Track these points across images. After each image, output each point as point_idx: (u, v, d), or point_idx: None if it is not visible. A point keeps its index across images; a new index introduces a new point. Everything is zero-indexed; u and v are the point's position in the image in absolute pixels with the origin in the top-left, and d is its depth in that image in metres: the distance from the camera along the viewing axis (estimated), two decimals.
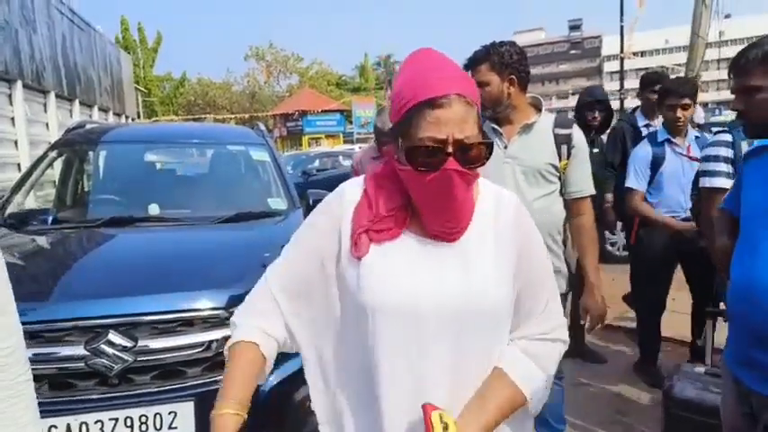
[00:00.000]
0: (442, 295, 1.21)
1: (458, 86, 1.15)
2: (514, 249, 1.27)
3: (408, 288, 1.21)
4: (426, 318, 1.20)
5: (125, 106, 14.23)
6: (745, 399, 1.80)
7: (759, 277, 1.68)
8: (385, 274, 1.22)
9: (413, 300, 1.20)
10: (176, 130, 5.52)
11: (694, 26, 7.11)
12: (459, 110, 1.13)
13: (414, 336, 1.20)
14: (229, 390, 1.24)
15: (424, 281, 1.21)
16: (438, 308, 1.20)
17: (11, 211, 3.53)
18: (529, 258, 1.29)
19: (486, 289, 1.22)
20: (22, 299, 2.41)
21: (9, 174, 6.40)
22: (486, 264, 1.24)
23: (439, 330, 1.20)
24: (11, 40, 6.82)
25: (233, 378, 1.27)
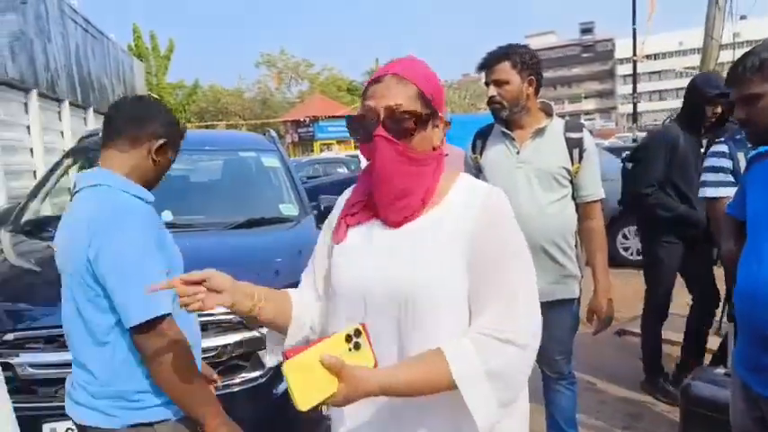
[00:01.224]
0: (383, 281, 1.24)
1: (396, 69, 1.26)
2: (473, 231, 1.24)
3: (356, 273, 1.29)
4: (371, 302, 1.26)
5: None
6: (754, 403, 1.79)
7: (765, 281, 1.67)
8: (344, 259, 1.33)
9: (359, 284, 1.28)
10: (188, 137, 5.56)
11: (708, 28, 7.07)
12: (392, 84, 1.24)
13: (358, 320, 1.20)
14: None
15: (371, 267, 1.27)
16: (380, 293, 1.25)
17: (27, 218, 3.58)
18: (485, 246, 1.23)
19: (427, 279, 1.22)
20: (39, 304, 2.48)
21: (25, 181, 6.50)
22: (436, 253, 1.24)
23: (383, 316, 1.24)
24: (26, 50, 6.93)
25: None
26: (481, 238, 1.23)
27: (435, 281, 1.22)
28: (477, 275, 1.23)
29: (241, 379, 2.43)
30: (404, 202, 1.27)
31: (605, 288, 2.67)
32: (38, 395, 2.27)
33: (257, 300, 1.29)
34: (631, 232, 7.96)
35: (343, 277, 1.32)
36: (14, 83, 6.54)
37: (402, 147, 1.23)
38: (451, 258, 1.23)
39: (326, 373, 1.03)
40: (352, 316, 1.26)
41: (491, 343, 1.17)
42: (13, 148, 6.42)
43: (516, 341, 1.17)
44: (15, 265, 3.01)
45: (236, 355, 2.43)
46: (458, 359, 1.14)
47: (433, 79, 1.28)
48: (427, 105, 1.25)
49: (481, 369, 1.14)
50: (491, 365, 1.15)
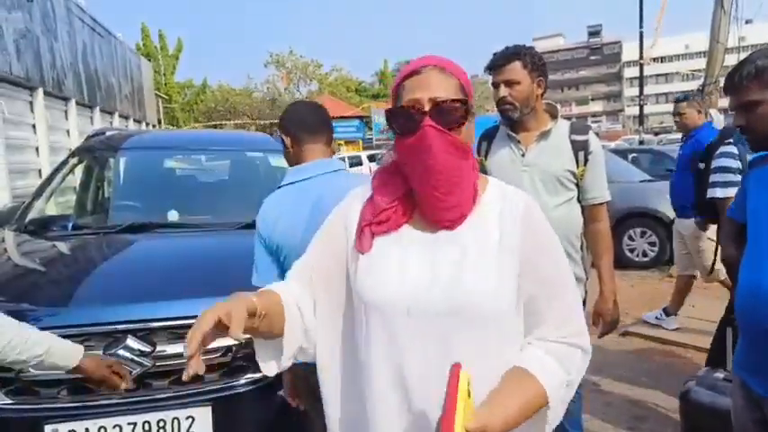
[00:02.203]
0: (430, 292, 1.19)
1: (435, 61, 1.23)
2: (521, 246, 1.22)
3: (396, 284, 1.21)
4: (416, 315, 1.19)
5: (146, 113, 14.41)
6: (755, 405, 1.80)
7: (765, 284, 1.69)
8: (378, 269, 1.24)
9: (402, 296, 1.20)
10: (195, 137, 5.57)
11: (713, 32, 7.07)
12: (435, 75, 1.21)
13: (401, 332, 1.19)
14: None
15: (414, 277, 1.21)
16: (427, 305, 1.18)
17: (32, 216, 3.58)
18: (539, 257, 1.24)
19: (479, 289, 1.18)
20: (41, 304, 2.47)
21: (30, 180, 6.51)
22: (485, 261, 1.20)
23: (426, 328, 1.18)
24: (32, 48, 6.94)
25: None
26: (532, 247, 1.23)
27: (484, 291, 1.18)
28: (534, 286, 1.22)
29: (246, 380, 2.42)
30: (455, 198, 1.21)
31: (611, 290, 2.66)
32: (40, 396, 2.26)
33: (256, 319, 1.16)
34: (637, 234, 7.94)
35: (379, 290, 1.22)
36: (20, 81, 6.55)
37: (453, 137, 1.19)
38: (499, 268, 1.20)
39: (468, 404, 1.03)
40: (392, 329, 1.20)
41: (566, 351, 1.23)
42: (18, 146, 6.43)
43: (582, 344, 1.25)
44: (19, 265, 3.00)
45: (240, 356, 2.42)
46: (548, 377, 1.18)
47: (465, 74, 1.26)
48: (465, 99, 1.22)
49: (564, 380, 1.21)
50: (572, 376, 1.22)
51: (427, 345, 1.18)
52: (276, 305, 1.24)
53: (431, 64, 1.22)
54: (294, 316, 1.27)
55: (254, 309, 1.14)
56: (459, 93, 1.21)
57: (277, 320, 1.23)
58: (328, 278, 1.34)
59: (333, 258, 1.34)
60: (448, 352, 1.16)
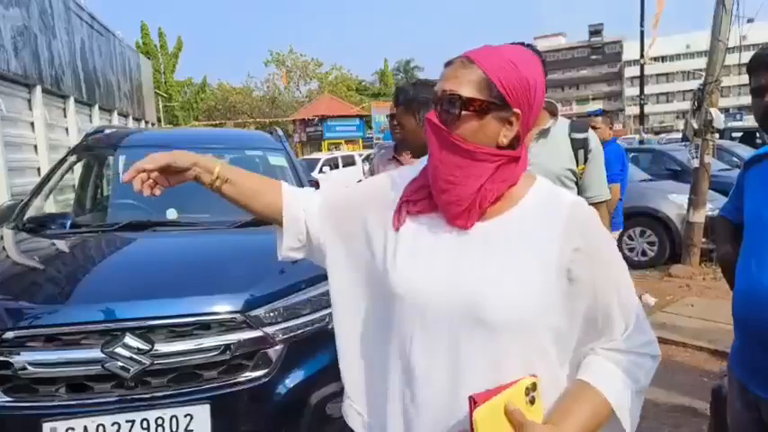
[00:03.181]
0: (446, 291, 1.14)
1: (470, 52, 1.17)
2: (563, 255, 1.13)
3: (418, 274, 1.17)
4: (429, 312, 1.15)
5: (145, 111, 14.39)
6: (753, 405, 1.78)
7: (763, 284, 1.67)
8: (403, 254, 1.19)
9: (420, 288, 1.16)
10: (195, 135, 5.57)
11: (714, 30, 7.05)
12: (457, 66, 1.15)
13: (412, 322, 1.17)
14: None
15: (433, 271, 1.16)
16: (441, 304, 1.14)
17: (30, 214, 3.57)
18: (591, 267, 1.14)
19: (498, 293, 1.11)
20: (39, 302, 2.47)
21: (29, 178, 6.49)
22: (511, 264, 1.13)
23: (441, 329, 1.14)
24: (30, 46, 6.92)
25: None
26: (582, 263, 1.14)
27: (507, 296, 1.11)
28: (591, 298, 1.15)
29: (245, 378, 2.42)
30: (449, 196, 1.15)
31: None
32: (38, 394, 2.25)
33: (216, 177, 1.31)
34: (636, 233, 7.94)
35: (404, 276, 1.18)
36: (18, 78, 6.52)
37: (445, 132, 1.13)
38: (530, 272, 1.12)
39: (508, 425, 1.03)
40: (407, 324, 1.17)
41: (635, 360, 1.18)
42: (16, 144, 6.40)
43: (652, 353, 1.21)
44: (17, 263, 3.00)
45: (239, 354, 2.42)
46: (613, 389, 1.14)
47: (514, 68, 1.13)
48: (493, 94, 1.12)
49: (633, 390, 1.17)
50: (641, 384, 1.19)
51: (436, 351, 1.14)
52: (262, 185, 1.38)
53: (464, 55, 1.16)
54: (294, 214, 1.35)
55: (212, 168, 1.31)
56: (478, 86, 1.12)
57: (254, 196, 1.36)
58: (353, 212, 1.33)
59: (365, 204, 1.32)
60: (458, 363, 1.13)
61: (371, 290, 1.28)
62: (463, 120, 1.13)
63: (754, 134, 15.60)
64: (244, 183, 1.36)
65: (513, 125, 1.15)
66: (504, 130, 1.15)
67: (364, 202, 1.32)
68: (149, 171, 1.27)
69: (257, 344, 2.45)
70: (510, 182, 1.18)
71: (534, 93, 1.15)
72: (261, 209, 1.38)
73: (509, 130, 1.15)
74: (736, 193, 2.01)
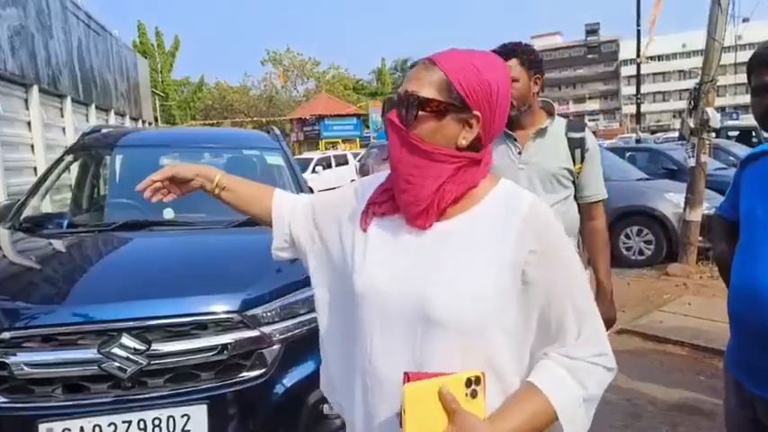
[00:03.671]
0: (400, 291, 1.16)
1: (434, 55, 1.18)
2: (519, 255, 1.12)
3: (376, 274, 1.20)
4: (386, 312, 1.18)
5: (142, 111, 14.37)
6: (748, 403, 1.79)
7: (758, 282, 1.68)
8: (367, 253, 1.23)
9: (378, 287, 1.19)
10: (191, 135, 5.56)
11: (710, 30, 7.05)
12: (420, 68, 1.17)
13: (374, 322, 1.19)
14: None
15: (390, 271, 1.19)
16: (396, 304, 1.16)
17: (27, 214, 3.57)
18: (546, 269, 1.14)
19: (451, 295, 1.12)
20: (36, 302, 2.46)
21: (25, 177, 6.48)
22: (465, 265, 1.13)
23: (397, 330, 1.16)
24: (27, 45, 6.91)
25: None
26: (537, 258, 1.13)
27: (460, 297, 1.12)
28: (543, 300, 1.14)
29: (241, 378, 2.41)
30: (408, 196, 1.17)
31: (608, 289, 2.64)
32: (34, 395, 2.25)
33: (215, 185, 1.45)
34: (633, 232, 7.96)
35: (365, 276, 1.21)
36: (15, 78, 6.51)
37: (404, 131, 1.15)
38: (484, 273, 1.12)
39: (441, 410, 1.02)
40: (368, 322, 1.20)
41: (584, 368, 1.16)
42: (13, 144, 6.40)
43: (605, 364, 1.19)
44: (13, 263, 2.99)
45: (236, 354, 2.42)
46: (559, 393, 1.13)
47: (475, 71, 1.13)
48: (452, 96, 1.13)
49: (580, 397, 1.16)
50: (589, 392, 1.17)
51: (395, 352, 1.16)
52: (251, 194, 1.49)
53: (427, 57, 1.18)
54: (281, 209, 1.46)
55: (212, 176, 1.45)
56: (437, 88, 1.13)
57: (250, 203, 1.48)
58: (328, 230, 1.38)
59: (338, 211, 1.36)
60: (411, 355, 1.14)
61: (343, 289, 1.30)
62: (421, 120, 1.14)
63: (751, 133, 15.66)
64: (241, 189, 1.48)
65: (473, 127, 1.16)
66: (464, 132, 1.16)
67: (339, 205, 1.37)
68: (159, 181, 1.42)
69: (254, 343, 2.45)
70: (470, 184, 1.18)
71: (496, 96, 1.15)
72: (256, 212, 1.49)
73: (469, 132, 1.16)
74: (732, 192, 2.00)
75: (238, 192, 1.47)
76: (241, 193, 1.48)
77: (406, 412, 0.98)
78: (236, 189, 1.47)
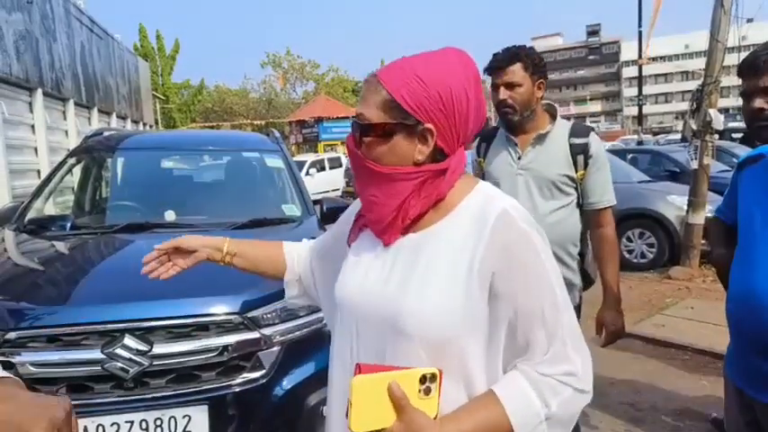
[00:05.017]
0: (371, 302, 1.17)
1: (380, 71, 1.15)
2: (489, 265, 1.09)
3: (353, 285, 1.23)
4: (361, 324, 1.19)
5: (143, 113, 14.41)
6: (747, 408, 1.79)
7: (757, 286, 1.67)
8: (348, 267, 1.27)
9: (354, 299, 1.21)
10: (192, 137, 5.59)
11: (713, 31, 7.04)
12: (367, 88, 1.16)
13: (352, 333, 1.21)
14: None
15: (364, 282, 1.21)
16: (368, 316, 1.18)
17: (31, 216, 3.59)
18: (511, 281, 1.09)
19: (417, 306, 1.10)
20: (41, 303, 2.48)
21: (29, 180, 6.52)
22: (434, 276, 1.11)
23: (370, 342, 1.17)
24: (32, 50, 6.95)
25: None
26: (503, 270, 1.09)
27: (427, 310, 1.09)
28: (512, 314, 1.09)
29: (242, 379, 2.43)
30: (372, 215, 1.19)
31: (615, 298, 2.54)
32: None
33: (225, 253, 1.49)
34: (635, 235, 7.94)
35: (344, 287, 1.25)
36: (19, 82, 6.56)
37: (360, 157, 1.16)
38: (453, 285, 1.09)
39: (389, 405, 1.00)
40: (347, 333, 1.22)
41: (551, 384, 1.09)
42: (17, 147, 6.44)
43: (575, 385, 1.11)
44: (18, 264, 3.01)
45: (237, 356, 2.43)
46: (517, 406, 1.07)
47: (420, 86, 1.09)
48: (400, 114, 1.10)
49: (542, 414, 1.08)
50: (551, 411, 1.08)
51: (367, 353, 1.17)
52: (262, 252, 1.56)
53: (373, 74, 1.15)
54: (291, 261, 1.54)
55: (220, 245, 1.50)
56: (384, 108, 1.11)
57: (261, 262, 1.55)
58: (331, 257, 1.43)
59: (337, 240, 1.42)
60: (383, 362, 1.12)
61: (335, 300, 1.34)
62: (371, 144, 1.14)
63: None
64: (250, 253, 1.54)
65: (428, 141, 1.12)
66: (419, 147, 1.12)
67: (342, 231, 1.41)
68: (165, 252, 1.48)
69: (255, 345, 2.46)
70: (435, 196, 1.14)
71: (450, 103, 1.10)
72: (271, 273, 1.56)
73: (424, 146, 1.12)
74: (730, 194, 1.99)
75: (247, 256, 1.53)
76: (250, 256, 1.54)
77: (352, 405, 0.97)
78: (245, 253, 1.53)
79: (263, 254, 1.55)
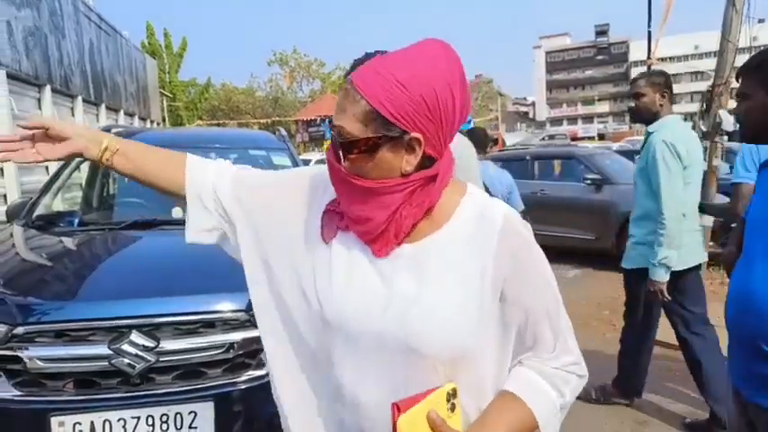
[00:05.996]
0: (372, 319, 1.07)
1: (355, 77, 1.01)
2: (497, 270, 1.07)
3: (354, 302, 1.09)
4: (362, 341, 1.09)
5: (150, 111, 14.46)
6: (744, 408, 1.79)
7: (752, 288, 1.68)
8: (340, 281, 1.11)
9: (347, 314, 1.09)
10: (199, 135, 5.60)
11: (725, 31, 6.98)
12: (344, 97, 1.02)
13: (352, 351, 1.10)
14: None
15: (358, 296, 1.09)
16: (370, 334, 1.08)
17: (39, 212, 3.62)
18: (522, 286, 1.09)
19: (426, 323, 1.05)
20: (48, 298, 2.50)
21: (37, 176, 6.55)
22: (441, 290, 1.06)
23: (379, 354, 1.08)
24: (40, 46, 6.98)
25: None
26: (517, 279, 1.08)
27: (440, 323, 1.05)
28: (525, 317, 1.10)
29: (248, 377, 2.44)
30: (360, 228, 1.08)
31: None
32: (46, 389, 2.29)
33: (103, 148, 1.18)
34: None
35: (336, 304, 1.10)
36: (28, 78, 6.59)
37: (342, 173, 1.04)
38: (464, 298, 1.06)
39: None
40: (337, 348, 1.12)
41: (561, 376, 1.16)
42: None
43: (578, 372, 1.18)
44: (26, 260, 3.03)
45: (242, 353, 2.44)
46: (540, 402, 1.12)
47: (402, 93, 0.98)
48: (382, 125, 0.99)
49: (558, 405, 1.15)
50: (565, 400, 1.16)
51: (377, 371, 1.08)
52: (164, 158, 1.26)
53: (351, 79, 1.02)
54: (197, 184, 1.25)
55: (100, 139, 1.19)
56: (365, 121, 0.99)
57: (154, 170, 1.24)
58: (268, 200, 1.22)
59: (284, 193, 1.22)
60: (400, 385, 1.07)
61: (298, 304, 1.17)
62: (354, 160, 1.02)
63: None
64: (139, 155, 1.24)
65: (415, 150, 1.02)
66: (407, 157, 1.02)
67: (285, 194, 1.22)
68: (29, 135, 1.17)
69: (260, 342, 2.47)
70: (429, 203, 1.06)
71: (437, 106, 0.99)
72: (163, 185, 1.26)
73: (412, 155, 1.02)
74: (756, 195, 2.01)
75: (135, 158, 1.23)
76: (138, 159, 1.23)
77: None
78: (133, 154, 1.22)
79: (157, 162, 1.25)
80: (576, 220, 8.41)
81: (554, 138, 34.96)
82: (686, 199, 3.34)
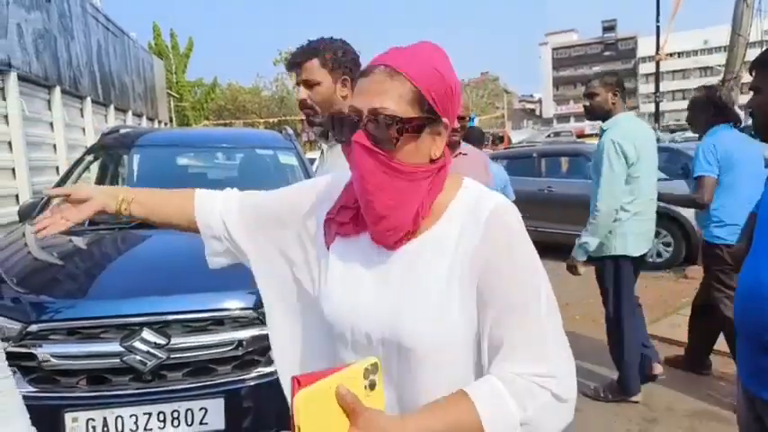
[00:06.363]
0: (368, 317, 1.09)
1: (389, 60, 1.03)
2: (480, 263, 1.05)
3: (343, 298, 1.12)
4: (356, 339, 1.11)
5: (158, 111, 14.53)
6: (752, 404, 1.79)
7: (758, 283, 1.67)
8: (337, 282, 1.13)
9: (346, 313, 1.11)
10: (207, 135, 5.64)
11: (735, 25, 6.94)
12: (381, 79, 1.01)
13: (350, 349, 1.12)
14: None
15: (357, 295, 1.11)
16: (365, 331, 1.09)
17: None
18: (499, 276, 1.05)
19: (418, 318, 1.05)
20: (60, 296, 2.53)
21: (48, 176, 6.60)
22: (432, 285, 1.06)
23: (374, 349, 1.08)
24: (50, 48, 7.03)
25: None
26: (492, 269, 1.04)
27: (429, 320, 1.05)
28: (497, 313, 1.04)
29: (257, 373, 2.47)
30: (389, 223, 1.06)
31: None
32: (60, 385, 2.32)
33: (121, 200, 1.29)
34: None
35: (334, 304, 1.13)
36: (38, 80, 6.64)
37: (384, 156, 1.01)
38: (452, 291, 1.05)
39: (340, 412, 0.88)
40: (339, 348, 1.13)
41: (528, 387, 1.01)
42: (37, 144, 6.52)
43: (554, 389, 1.02)
44: (39, 259, 3.07)
45: (251, 350, 2.47)
46: (488, 405, 0.98)
47: (440, 77, 1.03)
48: (425, 109, 1.02)
49: (516, 417, 0.99)
50: (527, 415, 0.99)
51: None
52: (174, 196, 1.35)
53: (382, 64, 1.03)
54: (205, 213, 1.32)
55: (116, 194, 1.30)
56: (409, 101, 1.01)
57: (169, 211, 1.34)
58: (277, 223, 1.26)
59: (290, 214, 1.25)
60: (401, 389, 1.08)
61: (302, 307, 1.25)
62: (402, 142, 1.01)
63: None
64: (150, 200, 1.33)
65: (441, 135, 1.06)
66: (437, 143, 1.06)
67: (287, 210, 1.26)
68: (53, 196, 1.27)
69: (268, 339, 2.49)
70: (438, 190, 1.09)
71: (454, 98, 1.06)
72: (177, 220, 1.35)
73: (440, 141, 1.06)
74: None
75: (149, 202, 1.33)
76: (152, 202, 1.33)
77: (301, 427, 0.85)
78: (146, 201, 1.32)
79: (168, 202, 1.34)
80: (583, 217, 8.36)
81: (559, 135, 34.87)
82: (639, 191, 3.71)
